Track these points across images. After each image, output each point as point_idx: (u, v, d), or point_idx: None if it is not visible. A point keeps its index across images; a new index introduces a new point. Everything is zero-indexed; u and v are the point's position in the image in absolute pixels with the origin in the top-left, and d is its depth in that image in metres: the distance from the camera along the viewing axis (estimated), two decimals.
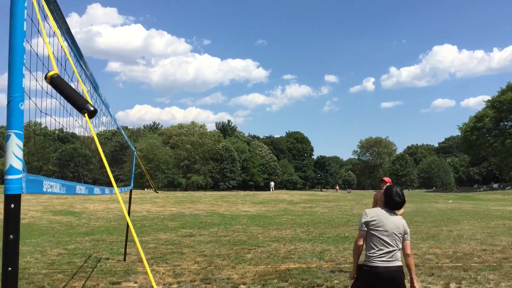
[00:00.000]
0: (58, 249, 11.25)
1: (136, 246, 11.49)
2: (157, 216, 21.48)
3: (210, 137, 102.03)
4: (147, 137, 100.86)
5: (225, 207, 29.17)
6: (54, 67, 1.76)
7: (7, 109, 1.75)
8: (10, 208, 1.73)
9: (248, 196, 44.83)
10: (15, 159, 1.75)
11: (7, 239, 1.71)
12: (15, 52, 1.77)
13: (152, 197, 37.90)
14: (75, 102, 1.74)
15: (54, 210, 23.66)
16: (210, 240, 13.11)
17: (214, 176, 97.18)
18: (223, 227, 17.00)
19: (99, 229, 16.16)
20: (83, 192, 3.37)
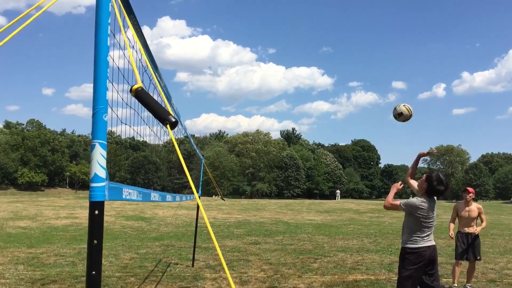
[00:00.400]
0: (130, 253, 11.70)
1: (207, 252, 11.71)
2: (223, 223, 21.80)
3: (275, 145, 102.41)
4: (213, 145, 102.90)
5: (290, 215, 29.08)
6: (138, 80, 1.85)
7: (92, 120, 1.85)
8: (94, 214, 1.82)
9: (313, 204, 44.45)
10: (99, 168, 1.85)
11: (92, 244, 1.80)
12: (100, 66, 1.87)
13: (218, 204, 38.55)
14: (158, 113, 1.81)
15: (126, 215, 24.67)
16: (275, 248, 13.11)
17: (278, 184, 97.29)
18: (288, 235, 16.94)
19: (168, 234, 16.63)
20: (157, 199, 3.48)
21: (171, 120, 1.80)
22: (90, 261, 1.81)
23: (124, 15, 2.10)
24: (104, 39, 1.89)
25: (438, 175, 4.84)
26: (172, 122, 1.80)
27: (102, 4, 1.88)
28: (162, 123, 1.83)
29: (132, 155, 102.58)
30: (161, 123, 1.83)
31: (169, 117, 1.79)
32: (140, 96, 1.81)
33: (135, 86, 1.82)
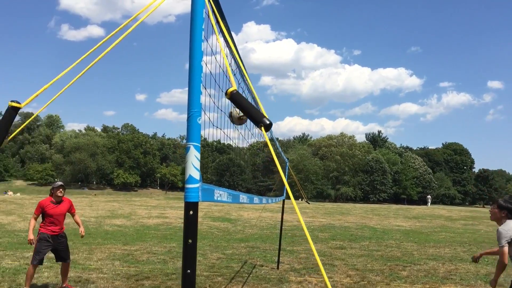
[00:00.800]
0: (217, 253, 12.00)
1: (292, 255, 11.71)
2: (307, 227, 21.69)
3: (360, 148, 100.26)
4: (297, 148, 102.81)
5: (376, 220, 28.28)
6: (233, 83, 1.88)
7: (187, 123, 1.91)
8: (189, 215, 1.88)
9: (400, 210, 42.88)
10: (194, 170, 1.90)
11: (187, 243, 1.86)
12: (194, 71, 1.93)
13: (302, 207, 38.47)
14: (252, 116, 1.83)
15: (213, 216, 25.38)
16: (361, 254, 12.80)
17: (363, 188, 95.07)
18: (374, 241, 16.47)
19: (253, 236, 16.86)
20: (245, 201, 3.53)
21: (265, 123, 1.81)
22: (185, 260, 1.87)
23: (218, 20, 2.15)
24: (199, 45, 1.94)
25: (508, 197, 4.59)
26: (266, 124, 1.81)
27: (197, 11, 1.94)
28: (257, 125, 1.85)
29: (217, 157, 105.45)
30: (256, 125, 1.85)
31: (263, 120, 1.81)
32: (235, 99, 1.85)
33: (230, 89, 1.85)
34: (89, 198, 45.85)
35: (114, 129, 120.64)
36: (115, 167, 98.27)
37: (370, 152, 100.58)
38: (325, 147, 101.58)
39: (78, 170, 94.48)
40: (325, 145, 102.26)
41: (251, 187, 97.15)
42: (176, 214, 25.74)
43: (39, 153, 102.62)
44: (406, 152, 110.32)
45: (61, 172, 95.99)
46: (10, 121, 2.09)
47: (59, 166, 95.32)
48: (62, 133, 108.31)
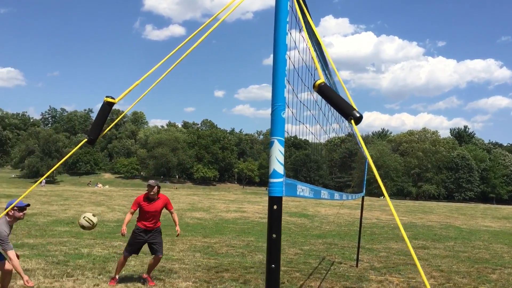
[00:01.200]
0: (295, 249, 12.00)
1: (372, 253, 11.44)
2: (387, 225, 21.08)
3: (444, 144, 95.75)
4: (376, 144, 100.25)
5: (461, 220, 26.86)
6: (321, 76, 1.85)
7: (271, 117, 1.90)
8: (273, 209, 1.87)
9: (489, 209, 40.42)
10: (278, 164, 1.89)
11: (271, 238, 1.85)
12: (278, 64, 1.92)
13: (381, 204, 37.45)
14: (342, 109, 1.79)
15: (289, 211, 25.43)
16: (446, 254, 12.21)
17: (447, 186, 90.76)
18: (460, 241, 15.65)
19: (330, 233, 16.67)
20: (326, 197, 3.47)
21: (355, 115, 1.76)
22: (270, 255, 1.86)
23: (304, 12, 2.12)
24: (283, 38, 1.92)
25: None
26: (356, 117, 1.76)
27: (282, 3, 1.91)
28: (346, 118, 1.80)
29: (294, 153, 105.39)
30: (345, 119, 1.80)
31: (353, 112, 1.76)
32: (323, 91, 1.81)
33: (318, 82, 1.82)
34: (171, 191, 47.79)
35: (194, 125, 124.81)
36: (195, 162, 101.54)
37: (455, 148, 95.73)
38: (406, 142, 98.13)
39: (161, 164, 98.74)
40: (406, 141, 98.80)
41: (328, 183, 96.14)
42: (254, 209, 26.09)
43: (125, 148, 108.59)
44: (495, 149, 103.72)
45: (145, 166, 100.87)
46: (105, 115, 2.20)
47: (143, 160, 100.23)
48: (146, 129, 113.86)
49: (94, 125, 2.26)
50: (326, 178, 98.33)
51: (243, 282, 7.54)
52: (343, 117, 1.83)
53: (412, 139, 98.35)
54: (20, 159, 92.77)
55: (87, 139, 2.29)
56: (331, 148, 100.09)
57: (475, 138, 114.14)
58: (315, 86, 1.82)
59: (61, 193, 30.34)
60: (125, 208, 22.46)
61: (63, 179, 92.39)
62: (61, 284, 6.72)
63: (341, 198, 4.96)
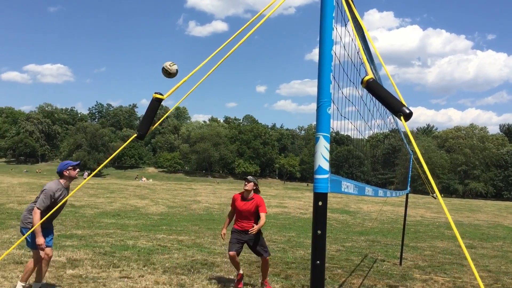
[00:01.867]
0: (337, 245, 11.90)
1: (416, 252, 11.21)
2: (432, 223, 20.57)
3: (493, 141, 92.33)
4: (421, 140, 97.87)
5: (511, 219, 25.87)
6: (369, 71, 1.83)
7: (317, 113, 1.90)
8: (318, 206, 1.87)
9: None
10: (323, 160, 1.88)
11: (316, 234, 1.85)
12: (324, 60, 1.90)
13: (426, 202, 36.56)
14: (390, 105, 1.76)
15: (331, 208, 25.22)
16: (494, 254, 11.80)
17: (496, 184, 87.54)
18: (509, 241, 15.09)
19: (373, 230, 16.44)
20: (370, 194, 3.43)
21: (405, 112, 1.72)
22: (315, 251, 1.86)
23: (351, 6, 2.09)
24: (329, 34, 1.91)
25: None
26: (406, 114, 1.72)
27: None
28: (395, 115, 1.77)
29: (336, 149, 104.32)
30: (394, 115, 1.77)
31: (403, 108, 1.72)
32: (371, 87, 1.79)
33: (367, 78, 1.79)
34: (212, 185, 48.36)
35: (235, 121, 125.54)
36: (236, 157, 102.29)
37: (504, 145, 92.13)
38: (452, 139, 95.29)
39: (203, 159, 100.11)
40: (452, 137, 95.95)
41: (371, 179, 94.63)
42: (295, 205, 26.03)
43: (168, 143, 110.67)
44: None
45: (188, 160, 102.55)
46: (154, 111, 2.26)
47: (185, 155, 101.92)
48: (189, 124, 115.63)
49: (144, 120, 2.32)
50: (368, 174, 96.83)
51: (284, 277, 7.55)
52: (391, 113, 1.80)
53: (459, 135, 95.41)
54: (68, 153, 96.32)
55: (137, 134, 2.35)
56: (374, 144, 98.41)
57: None
58: (363, 82, 1.80)
59: (107, 186, 31.28)
60: (168, 201, 22.93)
61: (109, 173, 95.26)
62: (108, 274, 6.94)
63: (385, 195, 4.88)
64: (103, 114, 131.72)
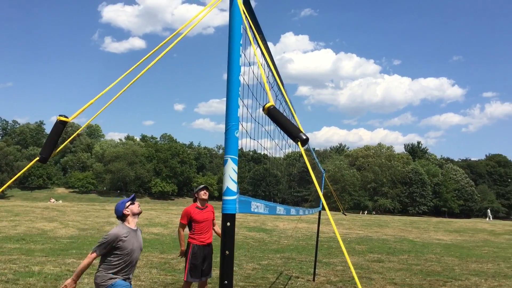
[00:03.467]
0: (253, 263, 12.00)
1: (328, 267, 11.59)
2: (343, 238, 21.40)
3: (399, 159, 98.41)
4: (334, 159, 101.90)
5: (415, 233, 27.61)
6: (270, 99, 1.92)
7: (225, 136, 1.95)
8: (226, 226, 1.91)
9: (441, 223, 41.70)
10: (231, 182, 1.94)
11: (224, 255, 1.89)
12: (232, 85, 1.98)
13: (338, 218, 37.98)
14: (289, 131, 1.85)
15: (248, 226, 25.40)
16: (400, 267, 12.52)
17: (402, 200, 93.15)
18: (413, 254, 16.08)
19: (289, 247, 16.77)
20: (282, 213, 3.54)
21: (302, 138, 1.83)
22: (223, 271, 1.89)
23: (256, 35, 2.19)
24: (237, 60, 1.99)
25: None
26: (303, 140, 1.83)
27: (234, 26, 1.98)
28: (294, 140, 1.87)
29: (253, 167, 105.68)
30: (293, 140, 1.87)
31: (300, 135, 1.83)
32: (272, 114, 1.88)
33: (268, 105, 1.88)
34: None
35: (152, 139, 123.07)
36: (153, 176, 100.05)
37: (409, 163, 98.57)
38: (363, 157, 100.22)
39: (117, 178, 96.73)
40: (362, 156, 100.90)
41: (287, 197, 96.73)
42: None
43: (80, 162, 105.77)
44: (447, 164, 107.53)
45: (101, 180, 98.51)
46: (58, 134, 2.18)
47: (99, 174, 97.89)
48: (103, 142, 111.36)
49: (47, 143, 2.24)
50: (285, 192, 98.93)
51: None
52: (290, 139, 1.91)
53: (368, 154, 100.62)
54: None
55: (39, 158, 2.26)
56: (290, 162, 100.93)
57: (428, 154, 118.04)
58: (264, 109, 1.89)
59: (11, 209, 29.15)
60: (79, 223, 21.83)
61: (14, 194, 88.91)
62: None
63: (298, 213, 5.04)
64: (7, 132, 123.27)
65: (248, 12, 2.14)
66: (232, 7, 2.00)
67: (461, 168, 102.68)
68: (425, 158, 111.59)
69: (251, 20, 2.23)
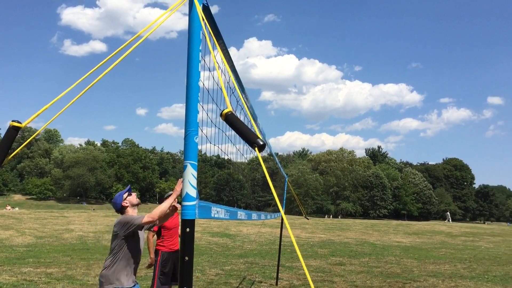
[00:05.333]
0: (216, 269, 11.94)
1: (291, 271, 11.66)
2: (306, 242, 21.59)
3: (360, 164, 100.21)
4: (297, 163, 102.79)
5: (376, 236, 28.16)
6: (228, 105, 1.92)
7: (184, 142, 1.95)
8: (186, 232, 1.90)
9: (400, 225, 42.70)
10: (191, 187, 1.93)
11: (184, 261, 1.88)
12: (191, 91, 1.98)
13: (301, 223, 38.29)
14: (246, 137, 1.87)
15: (212, 231, 25.27)
16: (361, 270, 12.74)
17: (363, 203, 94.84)
18: (374, 257, 16.39)
19: (252, 252, 16.78)
20: (243, 218, 3.55)
21: (259, 143, 1.84)
22: (182, 277, 1.88)
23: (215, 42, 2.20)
24: (196, 66, 1.99)
25: None
26: (260, 145, 1.85)
27: (194, 33, 1.99)
28: (251, 146, 1.88)
29: (217, 172, 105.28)
30: (250, 146, 1.89)
31: (257, 140, 1.84)
32: (230, 120, 1.88)
33: (225, 111, 1.89)
34: (87, 213, 45.68)
35: (113, 144, 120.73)
36: (114, 182, 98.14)
37: (370, 167, 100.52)
38: (325, 162, 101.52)
39: (77, 184, 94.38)
40: (324, 160, 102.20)
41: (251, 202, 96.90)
42: None
43: (38, 168, 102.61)
44: (406, 168, 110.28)
45: (60, 186, 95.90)
46: (11, 140, 2.12)
47: (58, 180, 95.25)
48: (62, 148, 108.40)
49: None
50: (248, 197, 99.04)
51: None
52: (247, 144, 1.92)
53: (330, 159, 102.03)
54: None
55: None
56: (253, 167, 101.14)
57: (388, 158, 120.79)
58: (222, 115, 1.90)
59: None
60: (36, 231, 21.16)
61: None
62: None
63: (259, 218, 5.06)
64: None
65: (207, 18, 2.15)
66: (191, 14, 2.01)
67: (419, 172, 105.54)
68: (385, 162, 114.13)
69: (211, 26, 2.24)
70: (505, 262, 16.20)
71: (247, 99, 3.77)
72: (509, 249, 22.16)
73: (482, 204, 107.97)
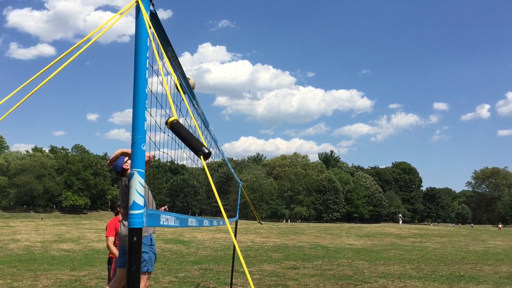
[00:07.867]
0: (170, 276, 11.78)
1: (245, 277, 11.66)
2: (261, 247, 21.69)
3: (313, 168, 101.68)
4: (251, 168, 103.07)
5: (329, 239, 28.66)
6: (174, 113, 1.92)
7: (132, 150, 1.93)
8: (133, 241, 1.88)
9: (352, 228, 43.67)
10: (138, 196, 1.91)
11: (130, 270, 1.85)
12: (139, 98, 1.96)
13: (256, 227, 38.42)
14: (192, 145, 1.87)
15: (165, 238, 24.93)
16: (314, 273, 12.91)
17: (317, 207, 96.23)
18: (327, 260, 16.67)
19: (206, 258, 16.68)
20: (194, 225, 3.53)
21: (204, 152, 1.85)
22: (129, 287, 1.86)
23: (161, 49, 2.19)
24: (143, 73, 1.98)
25: None
26: (205, 154, 1.86)
27: (141, 40, 1.97)
28: (196, 154, 1.89)
29: (171, 178, 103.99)
30: (195, 154, 1.89)
31: (202, 149, 1.85)
32: (175, 129, 1.88)
33: (171, 119, 1.89)
34: (35, 222, 43.99)
35: (63, 150, 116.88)
36: (64, 189, 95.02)
37: (323, 171, 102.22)
38: (279, 167, 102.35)
39: (24, 192, 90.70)
40: (279, 165, 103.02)
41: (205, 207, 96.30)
42: None
43: None
44: (357, 172, 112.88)
45: (6, 195, 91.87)
46: None
47: (3, 188, 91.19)
48: (7, 154, 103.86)
49: None
50: (203, 203, 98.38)
51: None
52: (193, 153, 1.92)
53: (284, 163, 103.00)
54: None
55: None
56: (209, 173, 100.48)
57: (340, 162, 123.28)
58: (167, 123, 1.90)
59: None
60: None
61: None
62: None
63: (211, 224, 5.04)
64: None
65: (155, 25, 2.14)
66: (138, 20, 1.99)
67: (370, 176, 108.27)
68: (337, 166, 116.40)
69: (159, 33, 2.23)
70: (450, 262, 16.87)
71: (198, 106, 3.77)
72: (454, 249, 23.11)
73: (429, 206, 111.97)
